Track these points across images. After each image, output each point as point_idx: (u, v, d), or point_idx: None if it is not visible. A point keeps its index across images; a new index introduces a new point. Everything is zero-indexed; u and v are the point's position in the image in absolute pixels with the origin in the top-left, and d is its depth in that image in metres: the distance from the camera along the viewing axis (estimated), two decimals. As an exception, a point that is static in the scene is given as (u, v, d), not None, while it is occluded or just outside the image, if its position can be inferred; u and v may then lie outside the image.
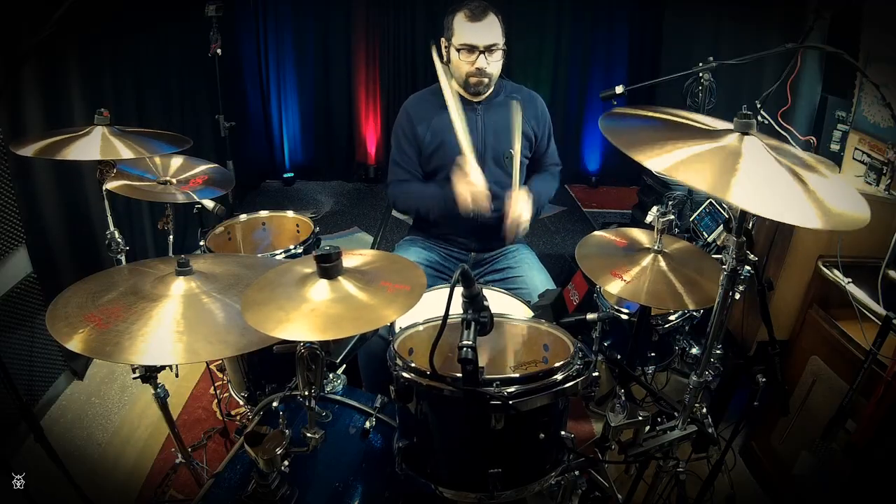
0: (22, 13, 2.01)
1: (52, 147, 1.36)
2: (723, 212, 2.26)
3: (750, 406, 1.38)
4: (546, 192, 2.14)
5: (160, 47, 3.14)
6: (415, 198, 2.07)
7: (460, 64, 1.92)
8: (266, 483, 1.05)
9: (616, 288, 1.36)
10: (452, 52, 1.92)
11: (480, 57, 1.88)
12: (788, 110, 2.45)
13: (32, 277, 2.21)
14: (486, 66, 1.89)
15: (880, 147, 2.04)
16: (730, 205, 0.93)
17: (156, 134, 1.55)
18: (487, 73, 1.91)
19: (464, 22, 1.87)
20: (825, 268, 1.84)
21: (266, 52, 4.52)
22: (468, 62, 1.90)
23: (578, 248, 1.50)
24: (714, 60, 2.07)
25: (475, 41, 1.86)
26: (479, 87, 1.95)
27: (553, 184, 2.20)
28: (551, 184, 2.19)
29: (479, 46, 1.87)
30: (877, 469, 1.49)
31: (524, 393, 1.08)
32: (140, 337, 0.98)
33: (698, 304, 1.34)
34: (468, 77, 1.93)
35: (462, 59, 1.90)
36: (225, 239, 2.02)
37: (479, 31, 1.86)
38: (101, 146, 1.38)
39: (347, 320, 0.97)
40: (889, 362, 1.47)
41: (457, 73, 1.96)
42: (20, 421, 2.04)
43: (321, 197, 4.65)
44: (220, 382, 2.37)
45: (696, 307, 1.36)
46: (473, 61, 1.89)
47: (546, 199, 2.15)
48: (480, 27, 1.86)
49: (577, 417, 2.31)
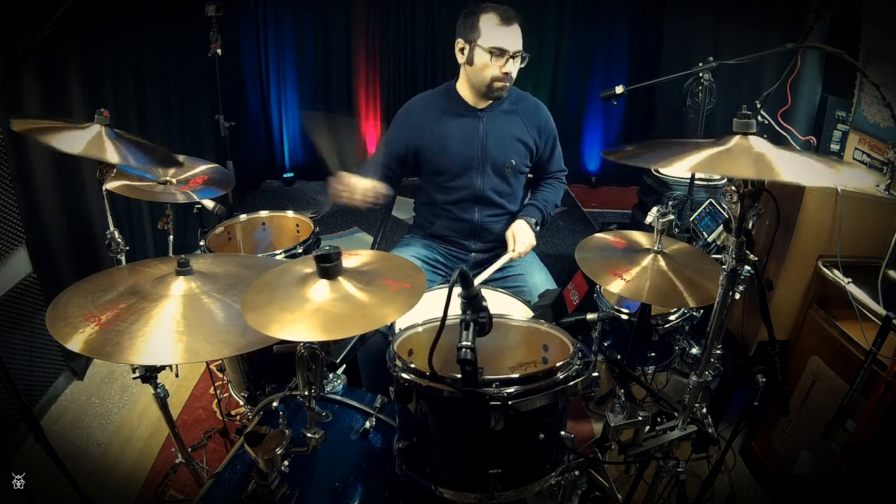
0: (22, 13, 2.01)
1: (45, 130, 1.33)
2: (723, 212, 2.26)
3: (750, 406, 1.39)
4: (553, 200, 2.16)
5: (160, 47, 3.14)
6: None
7: (486, 67, 1.87)
8: (266, 483, 1.05)
9: (617, 287, 1.37)
10: (478, 54, 1.87)
11: (509, 62, 1.86)
12: (788, 110, 2.45)
13: (32, 277, 2.21)
14: (513, 71, 1.89)
15: (880, 147, 2.04)
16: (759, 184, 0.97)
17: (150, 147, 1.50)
18: (512, 79, 1.92)
19: (495, 25, 1.84)
20: (825, 268, 1.84)
21: (266, 52, 4.52)
22: (497, 66, 1.86)
23: (578, 250, 1.51)
24: (714, 60, 2.08)
25: (507, 45, 1.84)
26: (502, 91, 1.94)
27: (560, 190, 2.22)
28: (558, 191, 2.20)
29: (509, 51, 1.85)
30: (877, 469, 1.49)
31: (524, 393, 1.08)
32: (140, 337, 0.98)
33: (699, 302, 1.34)
34: (493, 81, 1.89)
35: (491, 62, 1.86)
36: (225, 239, 2.02)
37: (511, 36, 1.85)
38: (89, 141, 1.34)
39: (350, 320, 0.97)
40: (889, 362, 1.47)
41: (478, 76, 1.91)
42: (20, 421, 2.04)
43: (321, 197, 4.64)
44: (220, 382, 2.37)
45: (697, 305, 1.37)
46: (503, 65, 1.86)
47: (553, 207, 2.16)
48: (512, 31, 1.85)
49: (577, 417, 2.31)
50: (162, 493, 1.89)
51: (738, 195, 1.00)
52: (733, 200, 1.01)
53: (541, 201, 2.10)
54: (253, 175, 4.71)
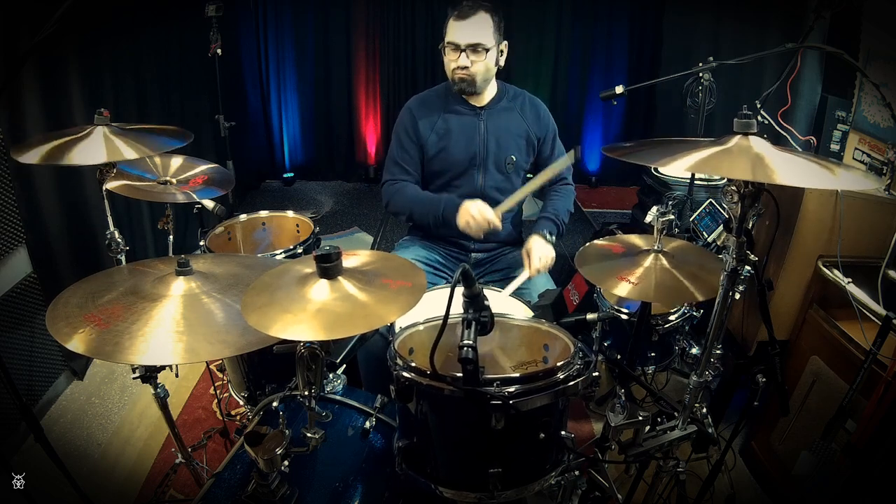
0: (22, 13, 2.01)
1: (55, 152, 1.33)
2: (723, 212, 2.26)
3: (750, 406, 1.39)
4: (564, 208, 2.12)
5: (160, 47, 3.14)
6: (409, 202, 2.03)
7: (447, 62, 1.95)
8: (266, 483, 1.05)
9: (624, 290, 1.37)
10: (445, 51, 1.95)
11: (462, 55, 1.89)
12: (788, 110, 2.45)
13: (32, 277, 2.21)
14: (468, 64, 1.89)
15: (880, 147, 2.04)
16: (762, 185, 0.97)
17: (157, 129, 1.54)
18: (470, 73, 1.91)
19: (451, 20, 1.90)
20: (825, 268, 1.84)
21: (266, 52, 4.52)
22: (452, 59, 1.92)
23: (578, 258, 1.51)
24: (714, 60, 2.07)
25: (457, 39, 1.88)
26: (461, 84, 1.94)
27: (570, 196, 2.19)
28: (569, 197, 2.18)
29: (460, 45, 1.88)
30: (877, 469, 1.49)
31: (524, 393, 1.08)
32: (140, 337, 0.98)
33: (706, 295, 1.34)
34: (453, 74, 1.94)
35: (448, 57, 1.93)
36: (225, 239, 2.02)
37: (463, 30, 1.87)
38: (106, 148, 1.35)
39: (353, 319, 0.97)
40: (889, 362, 1.47)
41: (447, 72, 1.97)
42: (20, 421, 2.04)
43: (321, 197, 4.65)
44: (220, 382, 2.37)
45: (704, 298, 1.37)
46: (456, 59, 1.90)
47: (566, 214, 2.12)
48: (465, 25, 1.87)
49: (577, 417, 2.31)
50: (162, 493, 1.89)
51: (739, 195, 1.00)
52: (733, 200, 1.01)
53: (552, 212, 2.07)
54: (253, 175, 4.71)
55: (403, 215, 2.09)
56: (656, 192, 2.97)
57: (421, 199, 2.03)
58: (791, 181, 0.90)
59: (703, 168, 0.98)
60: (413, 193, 2.04)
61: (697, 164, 0.98)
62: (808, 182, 0.97)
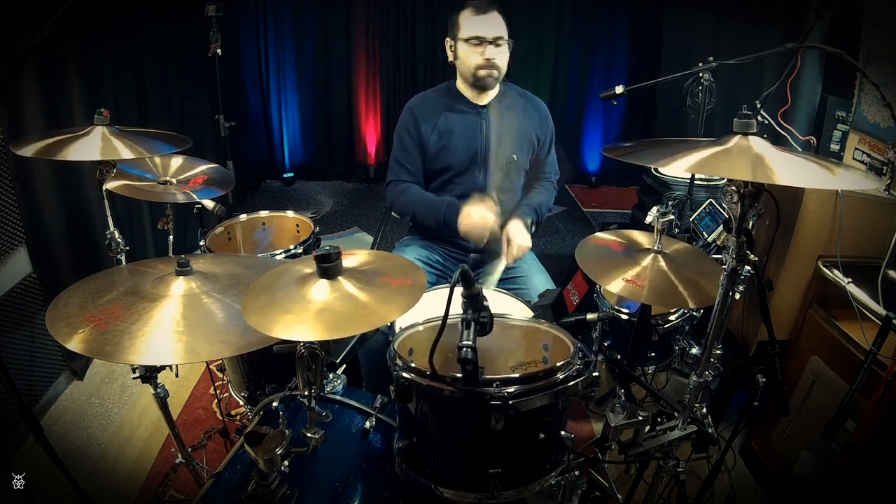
0: (22, 13, 2.01)
1: (52, 147, 1.35)
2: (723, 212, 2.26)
3: (750, 406, 1.39)
4: (546, 204, 2.16)
5: (160, 47, 3.14)
6: (413, 203, 2.06)
7: (469, 56, 1.94)
8: (266, 483, 1.05)
9: (618, 287, 1.37)
10: (460, 48, 1.95)
11: (489, 47, 1.90)
12: (788, 110, 2.45)
13: (32, 277, 2.21)
14: (495, 57, 1.91)
15: (880, 147, 2.04)
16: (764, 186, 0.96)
17: (156, 133, 1.55)
18: (497, 66, 1.93)
19: (470, 16, 1.91)
20: (825, 268, 1.84)
21: (266, 52, 4.52)
22: (478, 53, 1.92)
23: (578, 250, 1.51)
24: (714, 60, 2.07)
25: (483, 33, 1.89)
26: (488, 79, 1.95)
27: (552, 195, 2.22)
28: (551, 195, 2.21)
29: (487, 38, 1.90)
30: (877, 469, 1.49)
31: (524, 393, 1.08)
32: (140, 337, 0.98)
33: (699, 303, 1.34)
34: (477, 70, 1.94)
35: (471, 50, 1.92)
36: (225, 239, 2.02)
37: (486, 24, 1.90)
38: (102, 146, 1.37)
39: (352, 319, 0.97)
40: (889, 362, 1.47)
41: (465, 68, 1.97)
42: (20, 421, 2.04)
43: (321, 197, 4.65)
44: (220, 382, 2.37)
45: (696, 306, 1.37)
46: (483, 52, 1.91)
47: (546, 210, 2.16)
48: (486, 20, 1.90)
49: (577, 417, 2.31)
50: (162, 493, 1.89)
51: (739, 195, 1.00)
52: (733, 200, 1.01)
53: (535, 202, 2.10)
54: (253, 175, 4.71)
55: (407, 216, 2.13)
56: (656, 192, 2.97)
57: (423, 201, 2.04)
58: (791, 181, 0.90)
59: (703, 168, 0.98)
60: (416, 195, 2.06)
61: (697, 164, 0.98)
62: (808, 182, 0.97)
